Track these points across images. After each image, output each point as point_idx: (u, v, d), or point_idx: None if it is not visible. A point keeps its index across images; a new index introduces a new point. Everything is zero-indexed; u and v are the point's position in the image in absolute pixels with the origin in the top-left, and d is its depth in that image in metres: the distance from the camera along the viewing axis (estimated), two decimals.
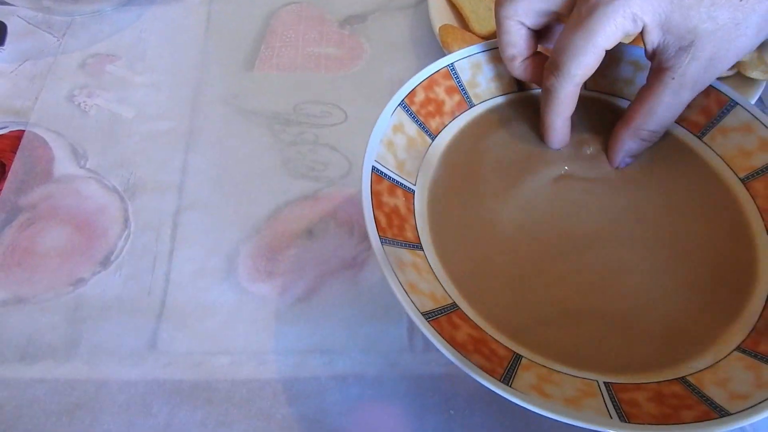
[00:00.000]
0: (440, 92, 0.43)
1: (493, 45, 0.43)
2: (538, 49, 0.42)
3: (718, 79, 0.47)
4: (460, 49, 0.53)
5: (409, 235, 0.37)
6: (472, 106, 0.44)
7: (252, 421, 0.40)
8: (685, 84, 0.37)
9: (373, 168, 0.37)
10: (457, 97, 0.43)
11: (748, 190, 0.40)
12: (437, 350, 0.34)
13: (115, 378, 0.41)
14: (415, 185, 0.40)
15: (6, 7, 0.61)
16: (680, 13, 0.34)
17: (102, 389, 0.41)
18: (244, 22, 0.62)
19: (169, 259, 0.46)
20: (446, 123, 0.43)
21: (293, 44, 0.60)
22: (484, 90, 0.44)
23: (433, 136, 0.42)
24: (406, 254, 0.36)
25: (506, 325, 0.35)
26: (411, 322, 0.44)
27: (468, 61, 0.44)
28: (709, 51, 0.36)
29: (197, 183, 0.50)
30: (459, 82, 0.44)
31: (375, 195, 0.36)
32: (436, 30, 0.56)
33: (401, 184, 0.39)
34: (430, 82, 0.42)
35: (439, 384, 0.42)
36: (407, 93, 0.41)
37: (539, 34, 0.42)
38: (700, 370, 0.34)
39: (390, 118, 0.40)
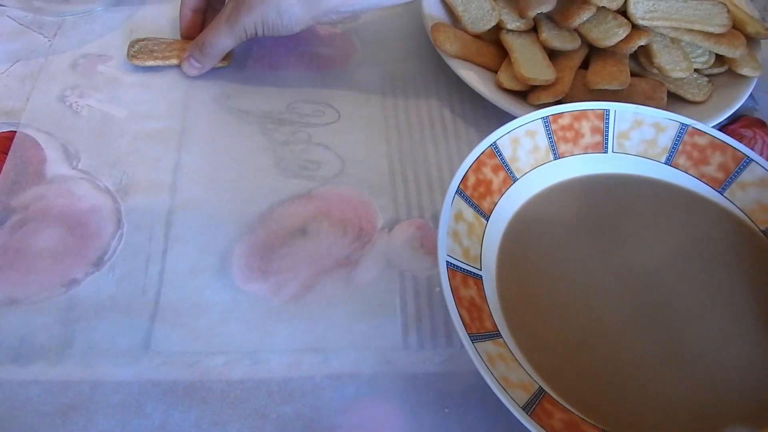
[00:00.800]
0: (487, 172, 0.44)
1: (529, 119, 0.45)
2: None
3: (711, 75, 0.48)
4: (451, 47, 0.53)
5: (488, 324, 0.38)
6: (515, 180, 0.45)
7: (247, 421, 0.40)
8: None
9: (447, 263, 0.38)
10: (502, 174, 0.45)
11: None
12: (432, 348, 0.34)
13: (109, 379, 0.41)
14: (481, 270, 0.41)
15: None
16: None
17: (96, 390, 0.41)
18: None
19: (162, 259, 0.46)
20: (496, 201, 0.44)
21: (285, 43, 0.60)
22: (524, 163, 0.46)
23: (487, 217, 0.43)
24: (491, 346, 0.36)
25: (591, 405, 0.37)
26: (406, 320, 0.44)
27: (508, 137, 0.45)
28: None
29: (190, 182, 0.50)
30: (502, 158, 0.45)
31: (454, 291, 0.37)
32: (429, 28, 0.56)
33: (471, 272, 0.40)
34: (478, 164, 0.43)
35: (435, 382, 0.42)
36: (460, 179, 0.42)
37: None
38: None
39: (450, 208, 0.41)
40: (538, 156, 0.46)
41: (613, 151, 0.47)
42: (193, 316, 0.44)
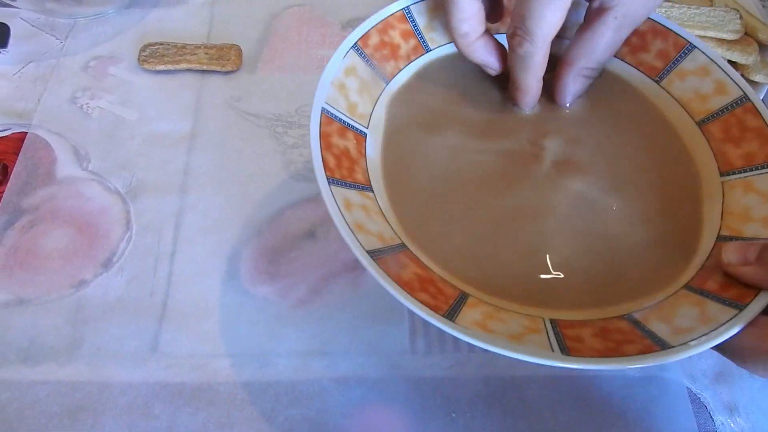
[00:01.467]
0: (395, 36, 0.42)
1: None
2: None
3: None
4: None
5: (360, 177, 0.37)
6: (428, 50, 0.44)
7: (254, 424, 0.40)
8: (626, 23, 0.38)
9: (323, 109, 0.37)
10: (413, 42, 0.43)
11: (703, 134, 0.41)
12: (439, 353, 0.34)
13: (117, 380, 0.41)
14: (367, 128, 0.40)
15: (9, 9, 0.61)
16: None
17: (104, 391, 0.41)
18: (247, 25, 0.62)
19: (171, 261, 0.46)
20: (401, 67, 0.43)
21: (296, 46, 0.60)
22: (442, 34, 0.44)
23: (387, 81, 0.42)
24: (355, 195, 0.36)
25: (454, 265, 0.36)
26: (413, 325, 0.44)
27: (425, 4, 0.43)
28: None
29: (199, 185, 0.50)
30: (415, 25, 0.43)
31: (324, 137, 0.36)
32: None
33: (352, 126, 0.39)
34: (384, 26, 0.42)
35: (441, 386, 0.42)
36: (360, 35, 0.41)
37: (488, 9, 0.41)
38: (646, 307, 0.34)
39: (342, 60, 0.39)
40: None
41: None
42: (201, 319, 0.44)
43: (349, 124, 0.39)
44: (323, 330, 0.44)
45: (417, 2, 0.43)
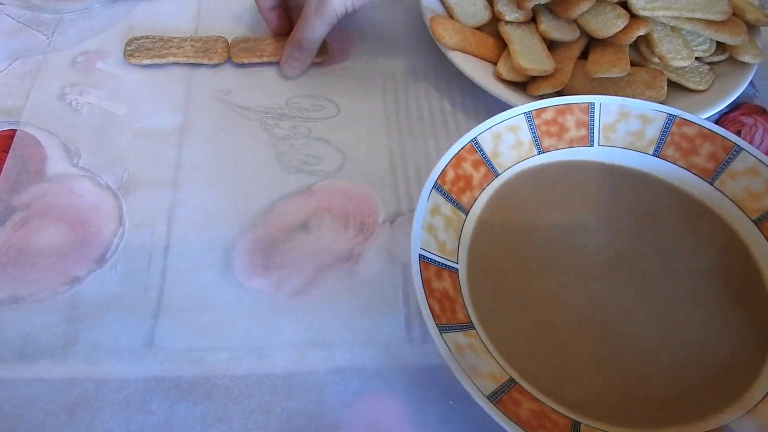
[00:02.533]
0: (467, 167, 0.44)
1: (511, 114, 0.45)
2: None
3: (712, 63, 0.48)
4: (450, 39, 0.53)
5: (461, 316, 0.38)
6: (497, 175, 0.45)
7: (251, 416, 0.40)
8: None
9: (420, 256, 0.38)
10: (483, 170, 0.45)
11: (760, 231, 0.42)
12: (435, 341, 0.34)
13: (114, 376, 0.41)
14: (457, 263, 0.41)
15: None
16: None
17: (101, 387, 0.41)
18: (234, 17, 0.61)
19: (164, 256, 0.46)
20: (476, 196, 0.44)
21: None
22: (507, 158, 0.46)
23: (466, 211, 0.43)
24: (461, 337, 0.37)
25: (561, 395, 0.37)
26: (409, 314, 0.44)
27: (489, 132, 0.45)
28: None
29: (191, 179, 0.50)
30: (483, 154, 0.45)
31: (425, 283, 0.37)
32: (428, 21, 0.56)
33: (446, 265, 0.40)
34: (457, 160, 0.44)
35: (438, 375, 0.42)
36: (438, 174, 0.42)
37: None
38: (739, 417, 0.36)
39: (427, 202, 0.41)
40: (521, 151, 0.46)
41: (599, 144, 0.47)
42: (197, 313, 0.44)
43: (443, 264, 0.40)
44: (319, 321, 0.44)
45: (483, 132, 0.45)
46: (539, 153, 0.46)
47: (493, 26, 0.57)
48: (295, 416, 0.40)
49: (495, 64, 0.55)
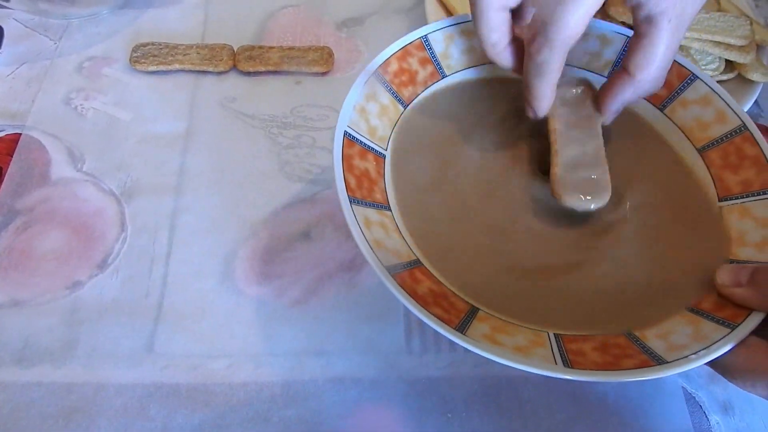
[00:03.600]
0: (414, 63, 0.44)
1: (466, 18, 0.44)
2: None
3: (719, 82, 0.48)
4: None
5: (378, 196, 0.39)
6: (444, 76, 0.45)
7: (249, 424, 0.40)
8: (681, 24, 0.37)
9: (346, 133, 0.39)
10: (430, 68, 0.45)
11: (703, 160, 0.42)
12: (434, 353, 0.34)
13: (113, 381, 0.41)
14: (386, 150, 0.42)
15: (2, 10, 0.61)
16: None
17: (99, 392, 0.41)
18: (241, 25, 0.62)
19: (166, 262, 0.46)
20: (419, 92, 0.44)
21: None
22: (457, 61, 0.46)
23: (405, 105, 0.44)
24: (373, 214, 0.37)
25: (466, 282, 0.37)
26: (408, 324, 0.44)
27: (441, 33, 0.45)
28: None
29: (194, 186, 0.50)
30: (432, 53, 0.45)
31: (346, 158, 0.38)
32: None
33: (372, 148, 0.41)
34: (403, 53, 0.44)
35: (437, 386, 0.42)
36: (381, 63, 0.43)
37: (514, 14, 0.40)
38: (645, 325, 0.36)
39: (363, 86, 0.41)
40: (473, 56, 0.46)
41: None
42: (197, 319, 0.44)
43: (369, 147, 0.40)
44: (319, 330, 0.44)
45: (435, 31, 0.44)
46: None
47: None
48: (293, 425, 0.40)
49: None
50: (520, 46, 0.41)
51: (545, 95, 0.40)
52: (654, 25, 0.37)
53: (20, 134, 0.53)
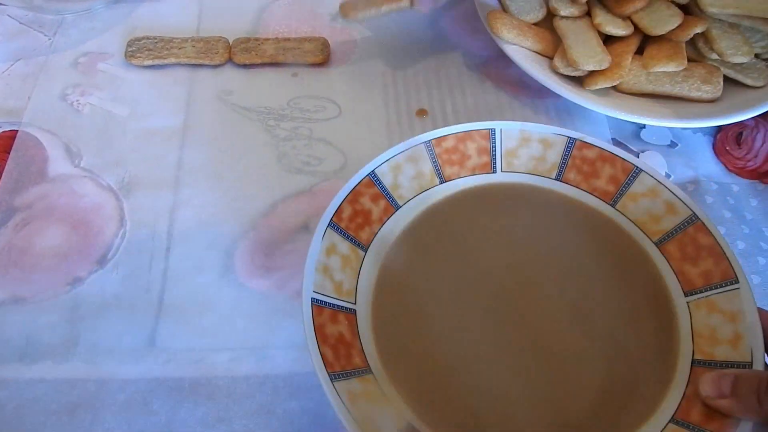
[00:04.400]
0: (366, 202, 0.43)
1: (409, 145, 0.44)
2: None
3: None
4: (508, 34, 0.52)
5: (357, 360, 0.37)
6: (398, 208, 0.44)
7: (253, 417, 0.40)
8: None
9: (313, 300, 0.37)
10: (382, 203, 0.43)
11: (662, 253, 0.42)
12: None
13: (115, 376, 0.41)
14: (355, 304, 0.40)
15: None
16: None
17: (102, 388, 0.41)
18: (236, 18, 0.62)
19: (166, 257, 0.46)
20: (375, 231, 0.43)
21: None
22: (407, 191, 0.44)
23: (365, 248, 0.42)
24: (356, 384, 0.36)
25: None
26: None
27: (387, 165, 0.44)
28: None
29: (192, 180, 0.50)
30: (382, 187, 0.43)
31: (318, 330, 0.36)
32: (484, 16, 0.56)
33: (342, 307, 0.39)
34: (354, 195, 0.42)
35: None
36: (333, 212, 0.41)
37: None
38: None
39: (321, 242, 0.39)
40: (422, 181, 0.45)
41: (501, 171, 0.46)
42: (198, 313, 0.44)
43: (339, 306, 0.39)
44: None
45: (381, 164, 0.43)
46: (441, 182, 0.45)
47: (548, 21, 0.57)
48: (297, 417, 0.40)
49: (552, 58, 0.55)
50: None
51: None
52: None
53: (17, 131, 0.53)
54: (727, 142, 0.55)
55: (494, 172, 0.46)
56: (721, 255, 0.39)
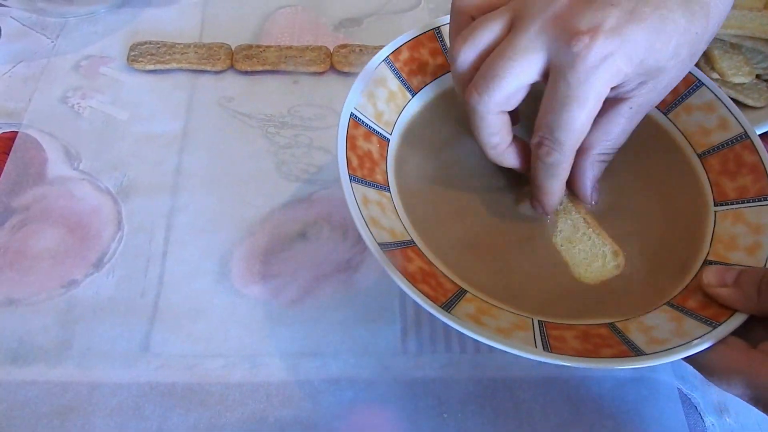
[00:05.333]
0: (425, 53, 0.45)
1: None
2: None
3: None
4: None
5: (379, 177, 0.41)
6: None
7: (245, 425, 0.40)
8: (641, 112, 0.38)
9: (352, 114, 0.41)
10: (440, 59, 0.46)
11: (703, 165, 0.43)
12: (430, 353, 0.34)
13: (108, 380, 0.41)
14: (391, 134, 0.43)
15: None
16: (653, 56, 0.34)
17: (94, 392, 0.41)
18: (239, 25, 0.62)
19: (162, 261, 0.46)
20: (428, 82, 0.45)
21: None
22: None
23: (413, 93, 0.45)
24: (372, 193, 0.39)
25: (456, 265, 0.39)
26: (405, 325, 0.44)
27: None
28: (666, 81, 0.37)
29: (191, 185, 0.50)
30: (443, 44, 0.45)
31: (350, 138, 0.40)
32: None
33: (377, 132, 0.42)
34: (415, 43, 0.45)
35: (433, 387, 0.42)
36: (392, 50, 0.44)
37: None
38: (628, 318, 0.37)
39: (373, 72, 0.42)
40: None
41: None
42: (193, 319, 0.44)
43: (374, 130, 0.42)
44: (315, 330, 0.43)
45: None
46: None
47: None
48: (289, 426, 0.40)
49: None
50: (520, 144, 0.40)
51: (556, 193, 0.40)
52: (616, 107, 0.38)
53: (17, 132, 0.53)
54: None
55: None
56: (762, 174, 0.41)
